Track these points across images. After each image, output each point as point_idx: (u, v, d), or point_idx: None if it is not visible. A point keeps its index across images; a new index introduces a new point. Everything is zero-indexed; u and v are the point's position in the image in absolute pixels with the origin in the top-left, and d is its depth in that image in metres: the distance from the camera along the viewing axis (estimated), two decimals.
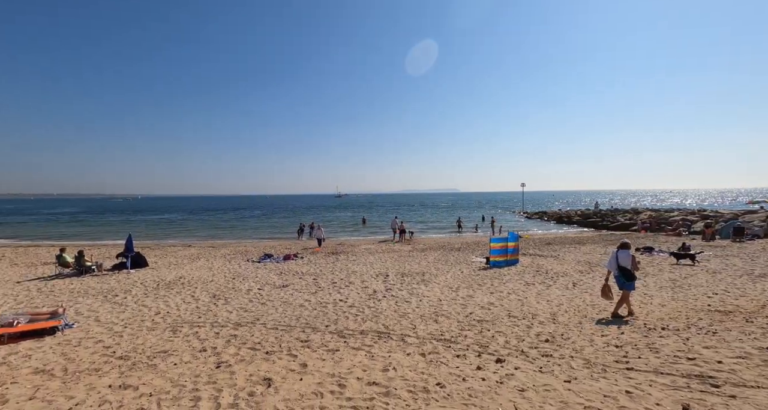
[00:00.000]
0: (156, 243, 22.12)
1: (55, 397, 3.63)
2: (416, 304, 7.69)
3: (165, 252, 17.37)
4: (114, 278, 11.31)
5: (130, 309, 7.78)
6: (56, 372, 4.43)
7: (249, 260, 14.41)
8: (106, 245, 20.35)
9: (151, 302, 8.40)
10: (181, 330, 6.23)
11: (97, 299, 8.76)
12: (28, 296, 9.25)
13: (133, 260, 12.55)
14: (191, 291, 9.36)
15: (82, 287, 10.22)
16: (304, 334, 5.78)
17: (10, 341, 5.91)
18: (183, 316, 7.17)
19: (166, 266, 13.39)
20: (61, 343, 5.71)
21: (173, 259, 15.05)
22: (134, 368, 4.44)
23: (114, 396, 3.60)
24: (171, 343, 5.52)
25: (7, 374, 4.41)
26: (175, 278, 11.14)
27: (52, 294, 9.45)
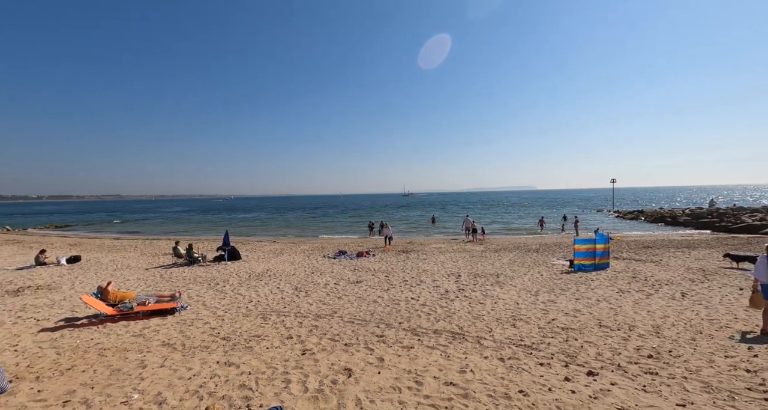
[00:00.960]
0: (246, 239, 24.82)
1: (178, 367, 4.32)
2: (491, 306, 7.38)
3: (254, 247, 19.39)
4: (215, 268, 12.99)
5: (228, 297, 8.85)
6: (177, 346, 5.26)
7: (325, 256, 15.33)
8: (208, 240, 23.47)
9: (245, 291, 9.44)
10: (270, 317, 6.89)
11: (203, 287, 10.15)
12: (154, 281, 11.11)
13: (229, 254, 14.27)
14: (277, 283, 10.29)
15: (192, 275, 11.93)
16: (379, 329, 5.95)
17: (144, 317, 7.19)
18: (271, 305, 7.92)
19: (255, 259, 14.95)
20: (179, 322, 6.75)
21: (261, 253, 16.72)
22: (235, 348, 5.05)
23: (221, 371, 4.15)
24: (263, 329, 6.14)
25: (143, 344, 5.37)
26: (263, 270, 12.36)
27: (171, 280, 11.21)
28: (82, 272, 12.77)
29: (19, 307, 8.08)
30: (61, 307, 8.19)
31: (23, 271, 13.06)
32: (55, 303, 8.53)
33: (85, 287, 10.17)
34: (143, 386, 3.78)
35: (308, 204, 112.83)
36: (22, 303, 8.44)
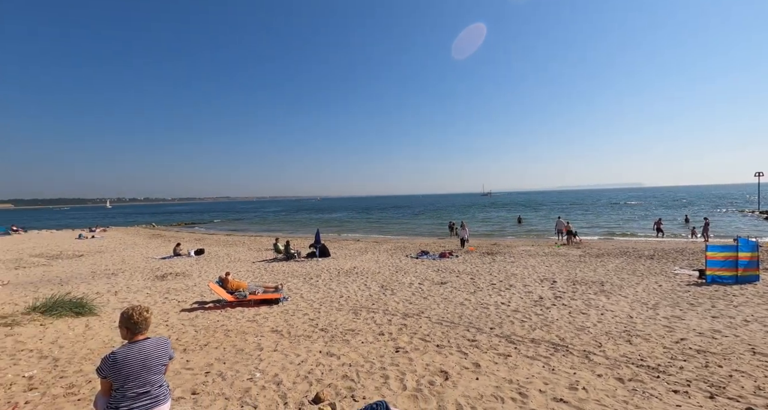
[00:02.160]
0: (334, 237, 26.54)
1: (288, 353, 4.81)
2: (597, 318, 6.57)
3: (341, 245, 20.60)
4: (308, 264, 14.16)
5: (322, 291, 9.55)
6: (284, 333, 5.86)
7: (407, 256, 15.51)
8: (301, 237, 25.74)
9: (336, 286, 10.08)
10: (360, 313, 7.22)
11: (299, 280, 11.14)
12: (259, 273, 12.58)
13: (320, 251, 15.41)
14: (364, 280, 10.76)
15: (290, 269, 13.20)
16: (470, 333, 5.77)
17: (255, 305, 8.18)
18: (360, 301, 8.30)
19: (343, 257, 15.87)
20: (283, 311, 7.51)
21: (347, 251, 17.69)
22: (333, 340, 5.41)
23: (324, 361, 4.49)
24: (355, 323, 6.47)
25: (257, 329, 6.12)
26: (351, 267, 13.04)
27: (273, 273, 12.57)
28: (206, 263, 15.12)
29: (165, 290, 9.91)
30: (193, 292, 9.80)
31: (165, 260, 16.01)
32: (189, 288, 10.25)
33: (209, 276, 12.00)
34: (262, 366, 4.29)
35: (388, 204, 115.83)
36: (167, 287, 10.34)
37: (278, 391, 3.62)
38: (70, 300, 7.03)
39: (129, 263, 15.43)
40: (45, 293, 8.85)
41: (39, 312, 6.49)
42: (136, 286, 10.43)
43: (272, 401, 3.41)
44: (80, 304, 7.06)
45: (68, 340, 5.35)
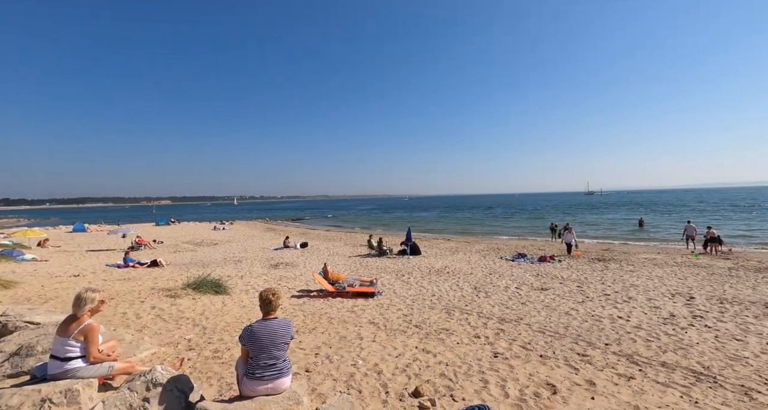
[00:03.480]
0: (423, 235, 26.70)
1: (386, 345, 5.04)
2: (759, 347, 5.22)
3: (431, 244, 20.61)
4: (400, 261, 14.53)
5: (414, 288, 9.70)
6: (380, 325, 6.15)
7: (502, 258, 14.67)
8: (392, 235, 26.59)
9: (427, 284, 10.12)
10: (453, 313, 7.11)
11: (392, 276, 11.51)
12: (355, 267, 13.42)
13: (411, 249, 15.68)
14: (456, 281, 10.56)
15: (382, 265, 13.75)
16: (579, 347, 5.18)
17: (352, 297, 8.76)
18: (452, 301, 8.18)
19: (433, 255, 15.85)
20: (378, 305, 7.87)
21: (437, 250, 17.60)
22: (428, 337, 5.46)
23: (421, 356, 4.57)
24: (449, 323, 6.40)
25: (356, 319, 6.55)
26: (441, 267, 12.94)
27: (367, 268, 13.26)
28: (309, 255, 16.78)
29: (278, 277, 11.33)
30: (300, 280, 10.97)
31: (277, 251, 18.28)
32: (296, 277, 11.51)
33: (313, 267, 13.28)
34: (363, 355, 4.59)
35: (482, 203, 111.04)
36: (279, 274, 11.80)
37: (379, 380, 3.82)
38: (211, 280, 8.56)
39: (250, 252, 18.08)
40: (193, 273, 10.97)
41: (191, 288, 8.08)
42: (256, 272, 12.16)
43: (374, 388, 3.62)
44: (218, 284, 8.55)
45: (211, 313, 6.54)
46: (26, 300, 6.91)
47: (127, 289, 8.22)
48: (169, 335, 5.20)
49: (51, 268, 12.12)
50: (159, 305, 6.76)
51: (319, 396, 3.38)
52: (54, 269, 11.97)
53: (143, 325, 5.60)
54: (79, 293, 3.15)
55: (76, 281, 9.63)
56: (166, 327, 5.62)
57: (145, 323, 5.75)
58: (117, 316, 5.94)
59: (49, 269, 11.90)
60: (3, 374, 3.24)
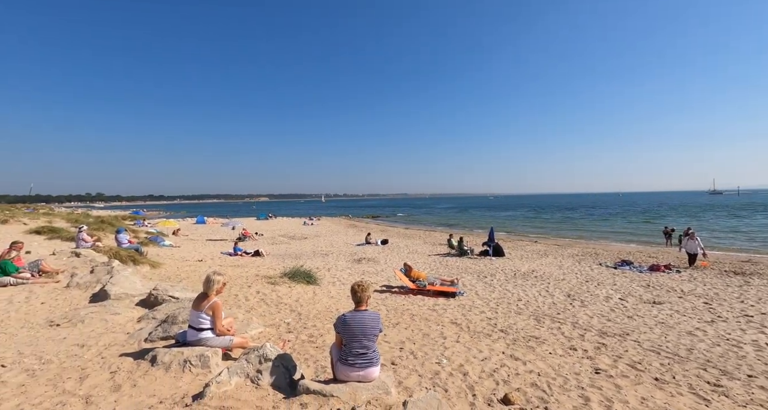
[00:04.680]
0: (507, 236, 25.23)
1: (470, 347, 4.93)
2: None
3: (515, 245, 19.37)
4: (482, 262, 13.99)
5: (497, 291, 9.25)
6: (463, 327, 6.02)
7: (601, 264, 13.06)
8: (472, 234, 25.73)
9: (512, 288, 9.56)
10: (543, 321, 6.59)
11: (473, 277, 11.15)
12: (435, 266, 13.34)
13: (494, 249, 14.96)
14: (545, 286, 9.76)
15: (462, 265, 13.41)
16: (709, 374, 4.34)
17: (433, 295, 8.74)
18: (542, 308, 7.58)
19: (518, 258, 14.88)
20: (460, 306, 7.71)
21: (523, 252, 16.46)
22: (516, 344, 5.16)
23: (509, 363, 4.35)
24: (538, 331, 5.95)
25: (437, 318, 6.53)
26: (528, 270, 12.07)
27: (447, 267, 13.08)
28: (390, 252, 17.23)
29: (361, 272, 11.90)
30: (382, 276, 11.35)
31: (359, 247, 19.19)
32: (378, 272, 11.94)
33: (393, 264, 13.61)
34: (447, 354, 4.56)
35: (578, 203, 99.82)
36: (362, 269, 12.38)
37: (465, 381, 3.75)
38: (303, 271, 9.41)
39: (335, 246, 19.33)
40: (288, 263, 12.17)
41: (287, 277, 8.99)
42: (341, 266, 12.96)
43: (461, 389, 3.57)
44: (309, 275, 9.35)
45: (305, 301, 7.19)
46: (167, 278, 8.50)
47: (237, 274, 9.52)
48: (271, 317, 5.87)
49: (182, 253, 14.68)
50: (262, 290, 7.67)
51: (405, 390, 3.47)
52: (184, 254, 14.49)
53: (251, 307, 6.43)
54: (208, 276, 3.76)
55: (200, 265, 11.51)
56: (269, 310, 6.36)
57: (252, 305, 6.59)
58: (231, 297, 6.92)
59: (181, 254, 14.43)
60: (157, 336, 4.06)
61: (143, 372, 3.20)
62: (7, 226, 15.24)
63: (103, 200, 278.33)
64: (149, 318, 4.84)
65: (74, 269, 7.91)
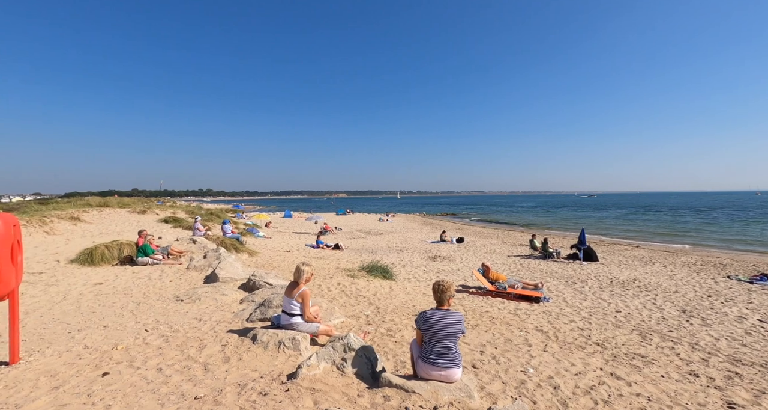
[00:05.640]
0: (601, 239, 22.50)
1: (560, 358, 4.50)
2: None
3: (611, 249, 17.18)
4: (570, 266, 12.70)
5: (590, 299, 8.29)
6: (550, 335, 5.53)
7: (731, 277, 10.80)
8: (558, 236, 23.55)
9: (608, 297, 8.48)
10: (650, 338, 5.70)
11: (560, 282, 10.19)
12: (515, 268, 12.54)
13: (585, 253, 13.46)
14: (651, 298, 8.45)
15: (547, 269, 12.35)
16: None
17: (514, 299, 8.23)
18: (647, 323, 6.57)
19: (615, 264, 13.15)
20: (545, 312, 7.11)
21: (621, 258, 14.50)
22: (616, 361, 4.56)
23: (610, 381, 3.85)
24: (644, 349, 5.17)
25: (520, 323, 6.12)
26: (628, 278, 10.59)
27: (529, 270, 12.19)
28: (465, 251, 16.73)
29: (436, 269, 11.77)
30: (458, 275, 11.07)
31: (434, 244, 19.01)
32: (453, 271, 11.68)
33: (469, 263, 13.18)
34: (534, 363, 4.23)
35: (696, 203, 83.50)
36: (437, 267, 12.24)
37: (556, 395, 3.43)
38: (380, 266, 9.66)
39: (410, 243, 19.46)
40: (365, 258, 12.64)
41: (365, 271, 9.33)
42: (416, 263, 13.00)
43: (551, 403, 3.27)
44: (386, 270, 9.57)
45: (382, 295, 7.38)
46: (262, 266, 9.52)
47: (319, 266, 10.21)
48: (351, 308, 6.16)
49: (273, 244, 16.31)
50: (342, 282, 8.09)
51: (488, 396, 3.31)
52: (275, 244, 16.07)
53: (333, 297, 6.83)
54: (298, 266, 4.08)
55: (288, 255, 12.64)
56: (349, 301, 6.68)
57: (334, 295, 6.99)
58: (315, 287, 7.45)
59: (272, 244, 16.04)
60: (256, 317, 4.56)
61: (246, 348, 3.62)
62: (145, 216, 18.71)
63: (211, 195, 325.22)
64: (249, 300, 5.46)
65: (192, 253, 9.35)
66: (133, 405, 2.62)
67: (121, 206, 19.72)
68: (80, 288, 6.48)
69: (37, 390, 2.86)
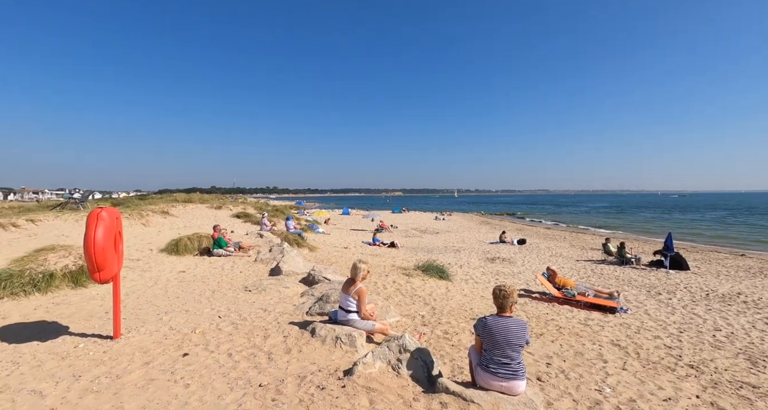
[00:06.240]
0: (693, 245, 19.61)
1: (643, 379, 3.96)
2: None
3: (706, 257, 14.86)
4: (653, 275, 11.24)
5: (679, 313, 7.25)
6: (630, 351, 4.91)
7: None
8: (638, 240, 21.05)
9: (704, 312, 7.32)
10: (764, 365, 4.77)
11: (641, 292, 9.06)
12: (585, 274, 11.45)
13: (672, 260, 11.82)
14: (762, 316, 7.11)
15: (624, 276, 11.07)
16: None
17: (584, 307, 7.50)
18: (758, 346, 5.52)
19: (712, 274, 11.33)
20: (622, 324, 6.35)
21: (720, 267, 12.46)
22: (718, 388, 3.88)
23: None
24: (756, 378, 4.33)
25: (592, 335, 5.54)
26: (730, 292, 9.04)
27: (602, 277, 11.04)
28: (528, 253, 15.74)
29: (495, 271, 11.22)
30: (519, 278, 10.43)
31: (493, 245, 18.19)
32: (514, 274, 11.03)
33: (532, 266, 12.36)
34: (610, 382, 3.78)
35: None
36: (496, 269, 11.66)
37: None
38: (436, 266, 9.47)
39: (467, 243, 18.86)
40: (421, 257, 12.52)
41: (420, 270, 9.22)
42: (473, 264, 12.53)
43: None
44: (442, 270, 9.35)
45: (438, 296, 7.21)
46: (321, 261, 9.91)
47: (375, 263, 10.33)
48: (406, 308, 6.10)
49: (331, 240, 16.93)
50: (398, 280, 8.08)
51: None
52: (333, 240, 16.67)
53: (388, 295, 6.84)
54: (355, 263, 4.12)
55: (345, 252, 13.01)
56: (404, 300, 6.63)
57: (389, 293, 7.00)
58: (371, 285, 7.54)
59: (330, 240, 16.66)
60: (315, 311, 4.73)
61: (306, 340, 3.76)
62: (220, 211, 20.67)
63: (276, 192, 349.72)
64: (309, 294, 5.69)
65: (259, 247, 10.07)
66: (208, 386, 2.85)
67: (201, 202, 22.01)
68: (167, 275, 7.34)
69: (132, 363, 3.26)
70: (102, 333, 4.07)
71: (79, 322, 4.56)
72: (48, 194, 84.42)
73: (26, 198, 72.79)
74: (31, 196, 79.07)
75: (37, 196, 79.34)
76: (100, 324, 4.44)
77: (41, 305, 5.27)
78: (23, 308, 5.13)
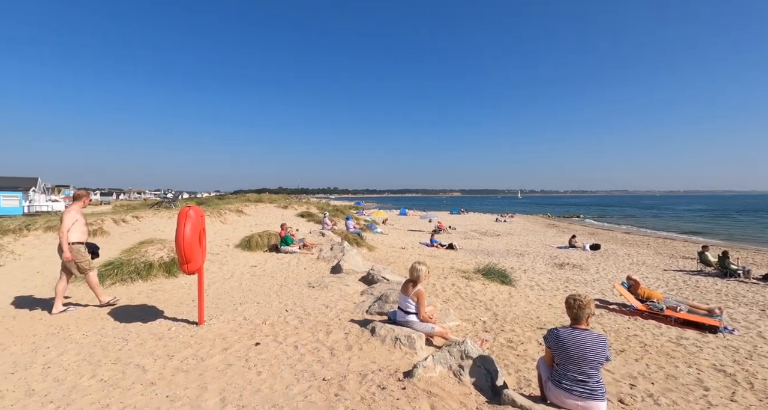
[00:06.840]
0: None
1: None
2: None
3: None
4: (766, 290, 9.45)
5: None
6: (739, 380, 4.15)
7: None
8: (747, 249, 17.89)
9: None
10: None
11: (752, 311, 7.67)
12: (676, 286, 10.02)
13: None
14: None
15: (729, 291, 9.47)
16: None
17: (676, 324, 6.56)
18: None
19: None
20: (727, 347, 5.41)
21: None
22: None
23: None
24: None
25: (688, 357, 4.80)
26: None
27: (697, 290, 9.58)
28: (602, 259, 14.28)
29: (564, 278, 10.35)
30: (592, 287, 9.48)
31: (561, 250, 16.85)
32: (587, 282, 10.06)
33: (608, 274, 11.18)
34: None
35: None
36: (565, 276, 10.75)
37: None
38: (498, 270, 9.03)
39: (531, 247, 17.72)
40: (481, 260, 12.03)
41: (481, 273, 8.86)
42: (539, 269, 11.71)
43: None
44: (504, 274, 8.89)
45: (500, 301, 6.86)
46: (380, 261, 10.04)
47: (433, 265, 10.17)
48: (466, 312, 5.90)
49: (389, 240, 17.09)
50: (457, 283, 7.86)
51: None
52: (391, 241, 16.82)
53: (447, 298, 6.68)
54: (414, 265, 4.08)
55: (403, 252, 13.04)
56: (464, 304, 6.42)
57: (448, 296, 6.83)
58: (429, 286, 7.43)
59: (388, 240, 16.82)
60: (375, 310, 4.79)
61: (366, 339, 3.81)
62: (287, 210, 22.10)
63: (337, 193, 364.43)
64: (368, 293, 5.79)
65: (321, 245, 10.54)
66: (277, 375, 3.03)
67: (270, 201, 23.76)
68: (241, 269, 8.03)
69: (213, 348, 3.61)
70: (189, 318, 4.57)
71: (172, 307, 5.19)
72: (148, 194, 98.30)
73: (132, 197, 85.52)
74: (136, 196, 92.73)
75: (140, 196, 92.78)
76: (187, 310, 5.01)
77: (143, 291, 6.11)
78: (130, 292, 6.01)
